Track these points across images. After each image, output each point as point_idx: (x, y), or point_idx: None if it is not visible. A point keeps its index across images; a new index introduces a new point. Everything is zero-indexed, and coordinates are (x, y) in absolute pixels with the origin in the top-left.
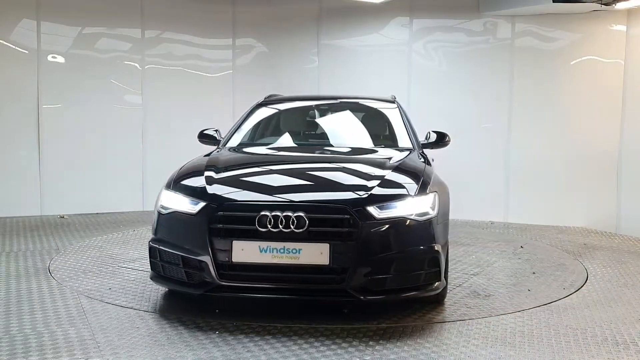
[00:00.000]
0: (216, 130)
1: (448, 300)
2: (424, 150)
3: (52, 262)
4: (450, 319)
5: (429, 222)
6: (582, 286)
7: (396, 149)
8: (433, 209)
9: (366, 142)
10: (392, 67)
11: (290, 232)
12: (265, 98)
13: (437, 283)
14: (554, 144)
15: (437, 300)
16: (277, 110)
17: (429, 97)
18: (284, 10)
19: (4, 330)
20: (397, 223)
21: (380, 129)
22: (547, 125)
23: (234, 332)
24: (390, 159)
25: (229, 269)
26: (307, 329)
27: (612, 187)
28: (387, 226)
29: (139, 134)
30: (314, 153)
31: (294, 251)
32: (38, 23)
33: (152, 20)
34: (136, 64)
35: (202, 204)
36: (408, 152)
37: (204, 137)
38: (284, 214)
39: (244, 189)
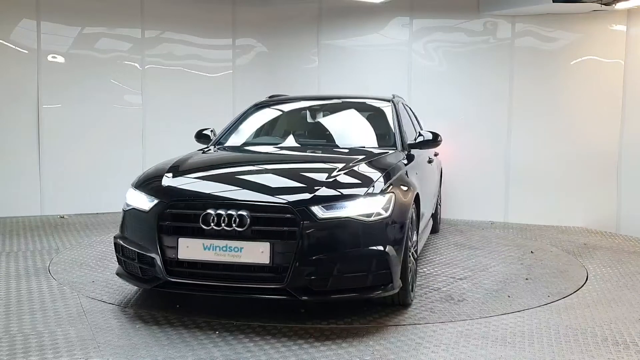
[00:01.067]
0: (211, 131)
1: (417, 303)
2: (416, 149)
3: (52, 262)
4: (406, 322)
5: (379, 223)
6: (582, 286)
7: (376, 149)
8: (386, 210)
9: (348, 141)
10: (392, 67)
11: (232, 231)
12: (267, 98)
13: (389, 285)
14: (554, 144)
15: (400, 303)
16: (269, 111)
17: (429, 97)
18: (284, 10)
19: (4, 330)
20: (342, 223)
21: (366, 128)
22: (547, 125)
23: (234, 332)
24: (358, 158)
25: (175, 265)
26: (307, 329)
27: (612, 187)
28: (330, 226)
29: (139, 134)
30: (285, 153)
31: (236, 249)
32: (38, 23)
33: (152, 20)
34: (136, 64)
35: (155, 202)
36: (386, 152)
37: (200, 137)
38: (227, 212)
39: (194, 188)
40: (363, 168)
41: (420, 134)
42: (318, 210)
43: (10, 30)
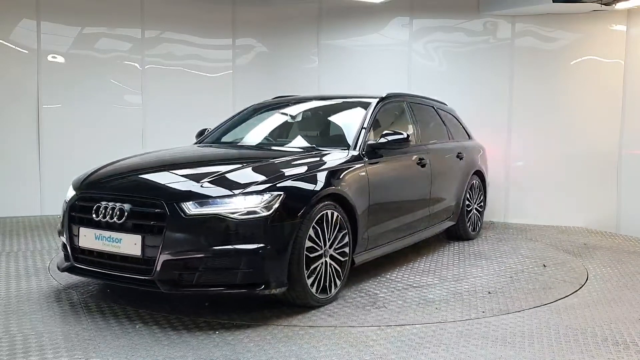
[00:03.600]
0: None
1: (376, 304)
2: (384, 149)
3: (52, 262)
4: (333, 324)
5: (255, 221)
6: (582, 286)
7: (324, 149)
8: (268, 210)
9: (304, 142)
10: (392, 67)
11: (113, 223)
12: (272, 99)
13: (264, 284)
14: (554, 144)
15: (299, 304)
16: (261, 111)
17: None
18: (284, 10)
19: (4, 330)
20: (211, 220)
21: (333, 128)
22: (547, 125)
23: (234, 332)
24: (275, 158)
25: (79, 252)
26: (308, 329)
27: (612, 187)
28: (199, 222)
29: (139, 134)
30: (213, 151)
31: (116, 240)
32: (38, 23)
33: (152, 20)
34: (136, 64)
35: (72, 194)
36: (325, 153)
37: (201, 136)
38: (112, 205)
39: (99, 182)
40: (259, 167)
41: (387, 134)
42: (189, 206)
43: (10, 30)
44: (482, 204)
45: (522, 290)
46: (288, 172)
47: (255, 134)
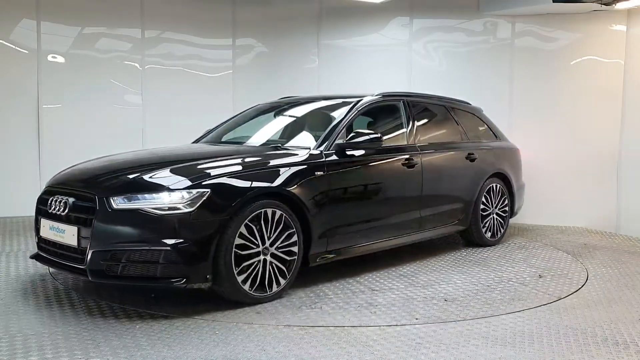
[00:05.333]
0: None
1: (329, 303)
2: (356, 150)
3: None
4: (296, 323)
5: (176, 217)
6: (582, 286)
7: (289, 148)
8: (191, 206)
9: (285, 142)
10: (392, 67)
11: (60, 215)
12: (279, 99)
13: (185, 278)
14: (553, 144)
15: (230, 299)
16: (259, 111)
17: None
18: (284, 10)
19: (4, 330)
20: (134, 214)
21: (303, 128)
22: (547, 125)
23: (234, 332)
24: (227, 155)
25: (42, 242)
26: (307, 329)
27: (612, 187)
28: (123, 216)
29: (139, 134)
30: (187, 150)
31: (62, 231)
32: (38, 23)
33: (152, 20)
34: (136, 64)
35: (43, 189)
36: (283, 152)
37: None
38: (60, 198)
39: (62, 178)
40: (196, 165)
41: (358, 134)
42: (117, 200)
43: (10, 30)
44: (505, 208)
45: (486, 300)
46: (223, 170)
47: (241, 132)
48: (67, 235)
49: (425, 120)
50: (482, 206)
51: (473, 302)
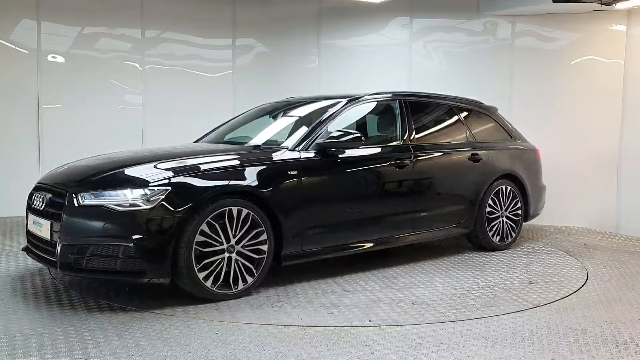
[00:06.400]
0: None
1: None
2: (337, 149)
3: None
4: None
5: (135, 214)
6: (582, 286)
7: (265, 147)
8: (150, 203)
9: (259, 140)
10: (392, 67)
11: (39, 210)
12: (285, 98)
13: (143, 273)
14: (553, 144)
15: (195, 295)
16: (259, 111)
17: None
18: (284, 10)
19: (4, 330)
20: (97, 210)
21: (288, 128)
22: (547, 125)
23: (235, 332)
24: (199, 154)
25: (29, 234)
26: (307, 329)
27: (612, 187)
28: (87, 212)
29: (139, 134)
30: (172, 149)
31: (40, 225)
32: (38, 23)
33: (152, 20)
34: (136, 64)
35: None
36: (255, 151)
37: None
38: (40, 194)
39: (48, 175)
40: (164, 164)
41: (340, 134)
42: (83, 197)
43: (10, 30)
44: (518, 211)
45: (456, 304)
46: (187, 169)
47: (242, 132)
48: (44, 229)
49: (423, 120)
50: (488, 209)
51: (441, 306)
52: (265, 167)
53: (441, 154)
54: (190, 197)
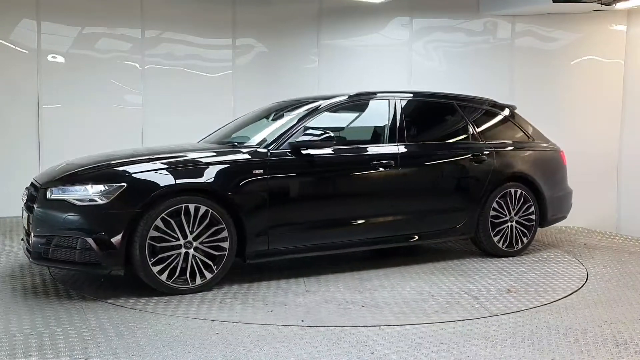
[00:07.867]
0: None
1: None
2: (313, 149)
3: None
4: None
5: (91, 208)
6: (582, 286)
7: (236, 146)
8: (107, 198)
9: (241, 140)
10: (392, 67)
11: (23, 203)
12: (289, 100)
13: (98, 265)
14: None
15: (153, 287)
16: (260, 112)
17: None
18: (284, 10)
19: (4, 330)
20: (62, 205)
21: (269, 128)
22: (547, 125)
23: (234, 332)
24: (171, 153)
25: (23, 227)
26: (307, 329)
27: (612, 187)
28: (52, 206)
29: (139, 134)
30: (160, 148)
31: (25, 217)
32: (38, 23)
33: (152, 20)
34: (136, 64)
35: None
36: (222, 151)
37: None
38: (27, 189)
39: (44, 171)
40: (129, 162)
41: (311, 134)
42: (52, 192)
43: (10, 30)
44: (531, 216)
45: (408, 309)
46: (147, 166)
47: (243, 132)
48: (25, 221)
49: (420, 120)
50: (494, 212)
51: (388, 310)
52: (227, 165)
53: (435, 154)
54: (144, 194)
